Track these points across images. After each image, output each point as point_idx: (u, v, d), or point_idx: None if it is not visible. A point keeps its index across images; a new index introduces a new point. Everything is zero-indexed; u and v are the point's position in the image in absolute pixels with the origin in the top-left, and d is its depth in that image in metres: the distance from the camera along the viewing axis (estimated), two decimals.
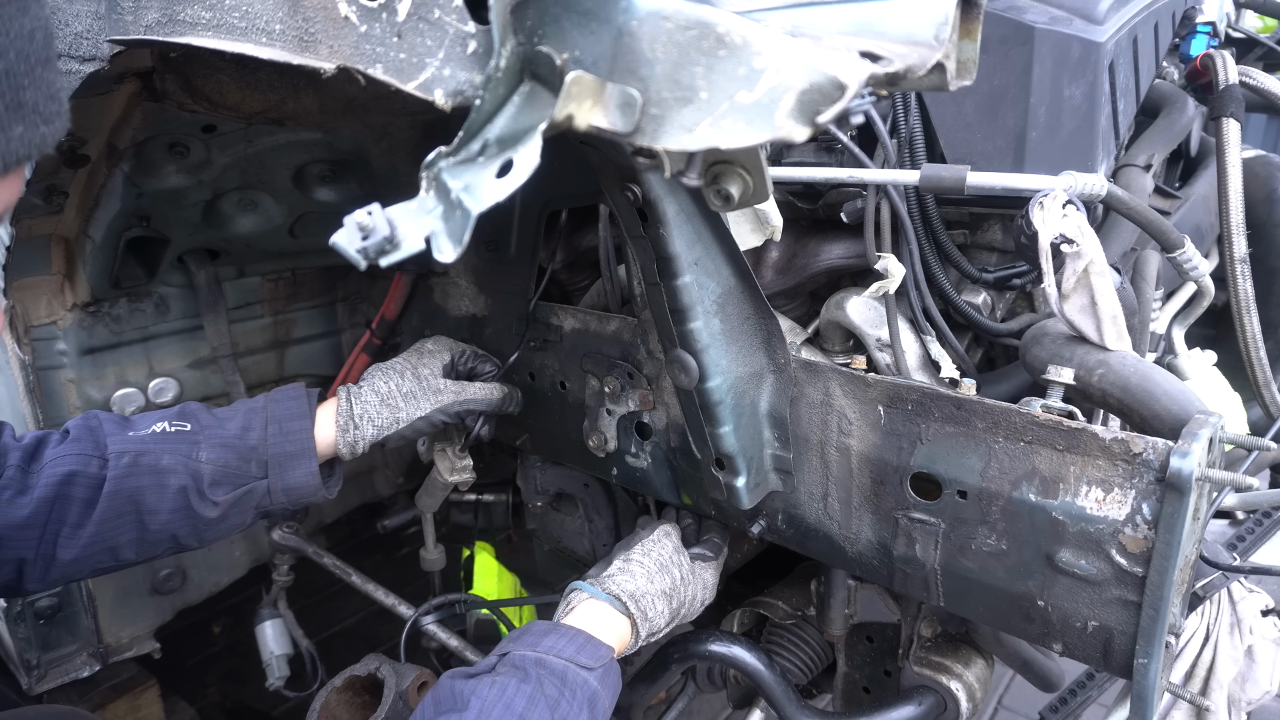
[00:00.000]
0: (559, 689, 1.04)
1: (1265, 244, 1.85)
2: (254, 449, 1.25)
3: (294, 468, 1.26)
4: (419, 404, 1.39)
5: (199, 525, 1.23)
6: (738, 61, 0.61)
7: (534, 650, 1.08)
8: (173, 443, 1.22)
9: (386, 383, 1.38)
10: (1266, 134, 2.67)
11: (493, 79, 0.67)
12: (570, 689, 1.05)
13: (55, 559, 1.15)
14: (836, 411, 1.22)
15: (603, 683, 1.10)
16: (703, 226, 1.11)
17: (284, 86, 1.22)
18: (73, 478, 1.15)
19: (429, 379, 1.42)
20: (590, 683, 1.08)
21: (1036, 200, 1.10)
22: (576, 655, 1.09)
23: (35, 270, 1.52)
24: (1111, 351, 1.12)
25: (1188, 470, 0.94)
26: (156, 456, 1.20)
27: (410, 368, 1.43)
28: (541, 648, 1.09)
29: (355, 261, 0.64)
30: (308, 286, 1.97)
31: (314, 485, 1.28)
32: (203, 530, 1.24)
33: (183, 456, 1.21)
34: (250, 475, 1.24)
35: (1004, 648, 1.47)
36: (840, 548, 1.29)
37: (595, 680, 1.09)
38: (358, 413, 1.33)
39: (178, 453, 1.21)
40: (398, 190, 1.58)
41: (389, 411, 1.36)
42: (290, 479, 1.26)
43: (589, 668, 1.09)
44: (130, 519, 1.18)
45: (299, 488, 1.27)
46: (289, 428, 1.28)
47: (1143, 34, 1.60)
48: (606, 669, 1.12)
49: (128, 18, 0.97)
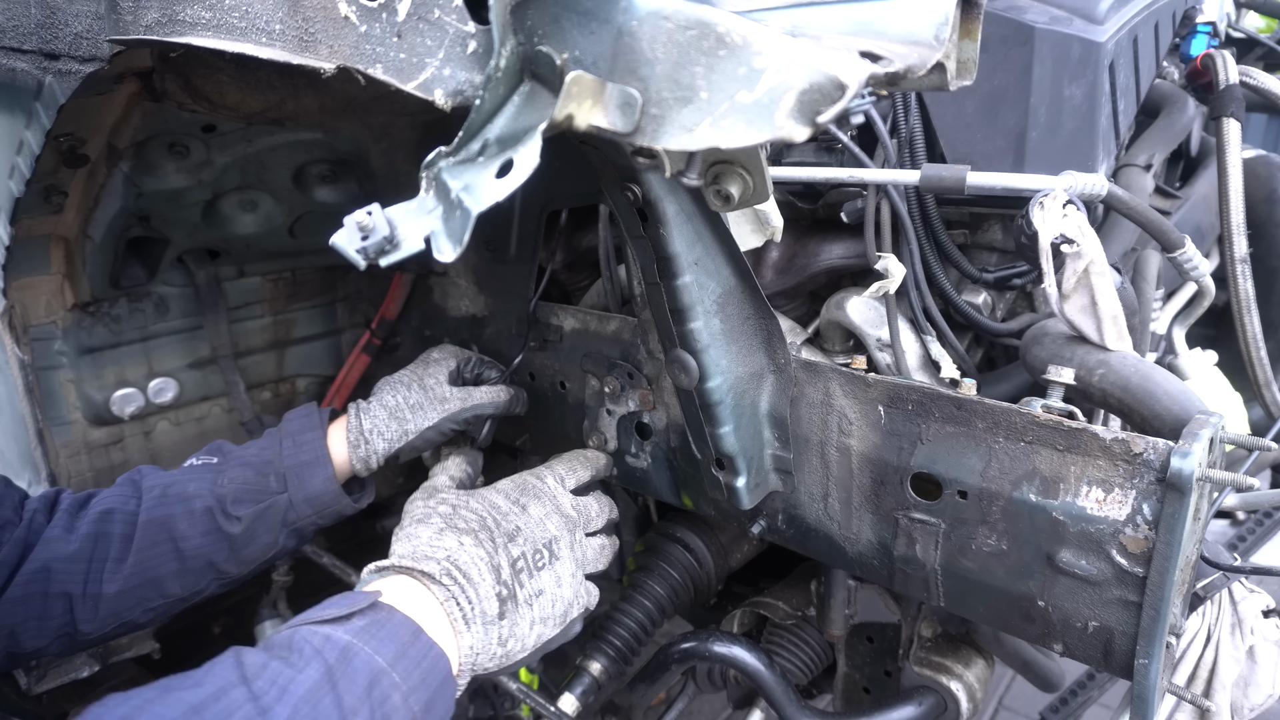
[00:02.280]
0: None
1: (1266, 244, 1.85)
2: (270, 463, 1.28)
3: (311, 476, 1.28)
4: (426, 414, 1.41)
5: (233, 546, 1.25)
6: (738, 61, 0.60)
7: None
8: (200, 473, 1.27)
9: (394, 395, 1.41)
10: (1267, 134, 2.68)
11: (493, 79, 0.67)
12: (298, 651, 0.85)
13: (102, 594, 1.19)
14: (837, 411, 1.22)
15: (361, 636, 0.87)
16: (703, 226, 1.11)
17: (284, 86, 1.22)
18: (110, 514, 1.21)
19: (434, 388, 1.44)
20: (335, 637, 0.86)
21: (1037, 200, 1.10)
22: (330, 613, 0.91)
23: (35, 270, 1.52)
24: (1112, 351, 1.12)
25: (1188, 470, 0.93)
26: (183, 485, 1.25)
27: (416, 379, 1.45)
28: None
29: (355, 261, 0.64)
30: (308, 286, 1.97)
31: (334, 492, 1.30)
32: (239, 550, 1.26)
33: (208, 483, 1.26)
34: (270, 490, 1.27)
35: (1004, 648, 1.47)
36: (840, 548, 1.29)
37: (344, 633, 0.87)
38: (367, 428, 1.36)
39: (204, 480, 1.26)
40: (398, 190, 1.59)
41: (397, 424, 1.38)
42: (309, 488, 1.28)
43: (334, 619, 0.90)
44: (166, 547, 1.22)
45: (319, 496, 1.29)
46: (301, 439, 1.31)
47: (1143, 34, 1.60)
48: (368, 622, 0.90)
49: (127, 18, 0.97)
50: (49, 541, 1.18)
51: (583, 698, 1.39)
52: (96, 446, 1.70)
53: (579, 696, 1.39)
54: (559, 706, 1.36)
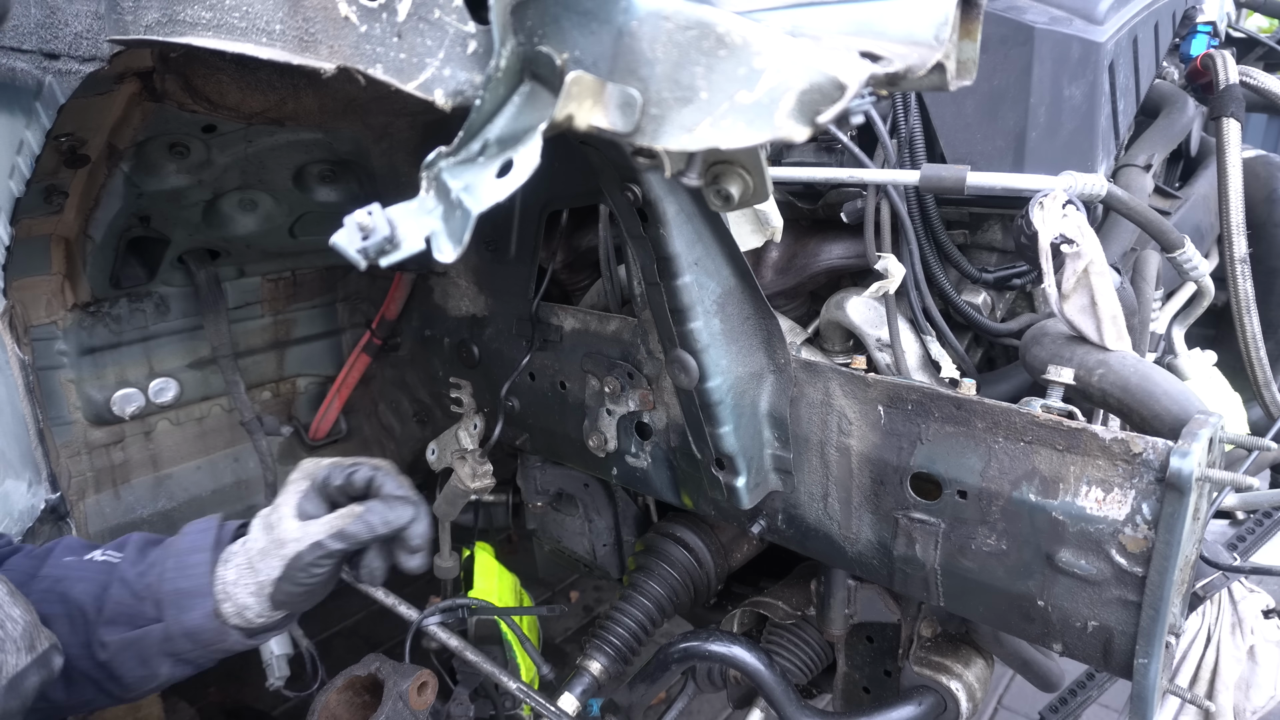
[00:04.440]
0: None
1: (1265, 244, 1.84)
2: (150, 585, 1.07)
3: (190, 607, 1.06)
4: (270, 562, 1.09)
5: (107, 671, 1.07)
6: (738, 61, 0.60)
7: None
8: (94, 573, 1.09)
9: (252, 538, 1.12)
10: (1266, 134, 2.67)
11: (493, 79, 0.67)
12: None
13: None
14: (836, 411, 1.22)
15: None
16: (703, 226, 1.11)
17: (284, 86, 1.22)
18: None
19: (277, 525, 1.11)
20: None
21: (1036, 200, 1.10)
22: None
23: (35, 270, 1.52)
24: (1111, 351, 1.12)
25: (1188, 470, 0.94)
26: (70, 585, 1.08)
27: (262, 518, 1.14)
28: None
29: (355, 261, 0.64)
30: (308, 286, 1.97)
31: (216, 628, 1.07)
32: (115, 675, 1.08)
33: (95, 588, 1.08)
34: (146, 616, 1.06)
35: (1004, 648, 1.47)
36: (840, 548, 1.29)
37: None
38: (231, 579, 1.09)
39: (92, 584, 1.08)
40: (398, 190, 1.59)
41: (251, 576, 1.09)
42: (187, 621, 1.06)
43: None
44: None
45: (198, 631, 1.07)
46: (186, 561, 1.09)
47: (1143, 34, 1.60)
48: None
49: (127, 18, 0.97)
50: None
51: (582, 697, 1.40)
52: (97, 446, 1.70)
53: (579, 696, 1.39)
54: (559, 706, 1.36)
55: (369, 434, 2.18)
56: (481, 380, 1.76)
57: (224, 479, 1.92)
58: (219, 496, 1.91)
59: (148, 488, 1.80)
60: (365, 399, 2.14)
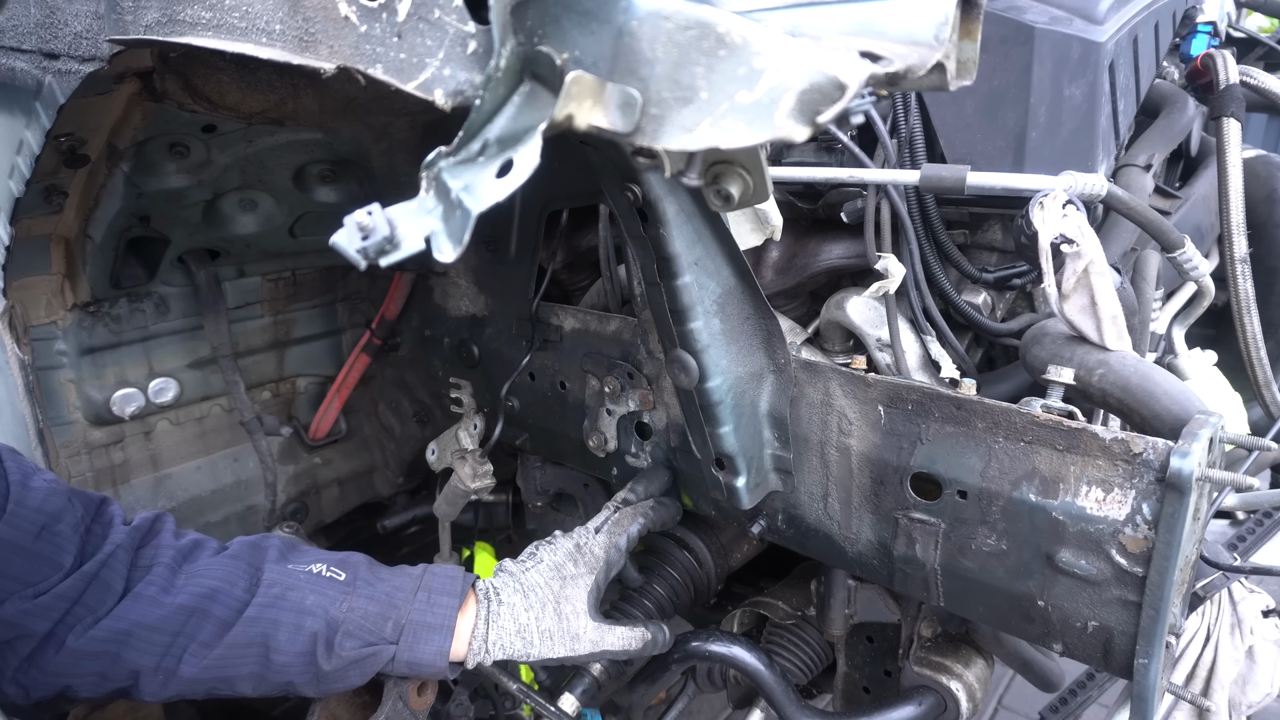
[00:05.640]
0: None
1: (1265, 244, 1.84)
2: (396, 608, 1.20)
3: (427, 640, 1.20)
4: (554, 647, 1.27)
5: (319, 677, 1.17)
6: (738, 61, 0.60)
7: None
8: (324, 587, 1.19)
9: (528, 613, 1.27)
10: (1267, 134, 2.67)
11: (493, 79, 0.67)
12: None
13: (177, 674, 1.10)
14: (836, 411, 1.22)
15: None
16: (703, 226, 1.11)
17: (284, 86, 1.22)
18: (215, 595, 1.12)
19: (570, 618, 1.29)
20: None
21: (1036, 200, 1.10)
22: None
23: (35, 270, 1.52)
24: (1111, 351, 1.12)
25: (1188, 470, 0.94)
26: (303, 596, 1.17)
27: (552, 600, 1.30)
28: None
29: (355, 261, 0.64)
30: (308, 286, 1.97)
31: (439, 667, 1.21)
32: (323, 682, 1.19)
33: (328, 601, 1.18)
34: (384, 637, 1.19)
35: (1004, 648, 1.47)
36: (840, 548, 1.29)
37: None
38: (492, 639, 1.25)
39: (325, 597, 1.18)
40: (398, 190, 1.59)
41: (522, 645, 1.26)
42: (419, 652, 1.20)
43: None
44: (257, 651, 1.14)
45: (423, 663, 1.20)
46: (437, 600, 1.23)
47: (1143, 34, 1.60)
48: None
49: (127, 18, 0.97)
50: (140, 599, 1.09)
51: (583, 697, 1.39)
52: (97, 446, 1.70)
53: (579, 696, 1.39)
54: (559, 706, 1.36)
55: (369, 434, 2.18)
56: (481, 380, 1.76)
57: (224, 479, 1.92)
58: (219, 497, 1.91)
59: (148, 488, 1.80)
60: (365, 399, 2.14)
